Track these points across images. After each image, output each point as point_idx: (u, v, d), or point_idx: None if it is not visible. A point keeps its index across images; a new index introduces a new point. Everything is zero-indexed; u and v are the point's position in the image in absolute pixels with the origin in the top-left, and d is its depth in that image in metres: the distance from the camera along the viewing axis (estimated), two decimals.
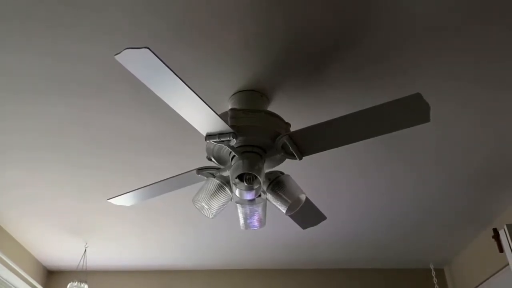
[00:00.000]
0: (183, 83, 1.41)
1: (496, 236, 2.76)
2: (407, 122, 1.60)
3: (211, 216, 1.85)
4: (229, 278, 4.06)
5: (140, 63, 1.34)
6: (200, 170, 1.89)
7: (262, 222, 1.93)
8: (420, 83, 1.98)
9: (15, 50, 1.81)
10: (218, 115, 1.58)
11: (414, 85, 1.99)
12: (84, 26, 1.70)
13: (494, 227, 2.89)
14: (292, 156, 1.80)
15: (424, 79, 1.96)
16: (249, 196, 1.79)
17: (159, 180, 2.08)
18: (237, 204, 1.88)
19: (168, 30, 1.72)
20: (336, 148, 1.78)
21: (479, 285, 3.46)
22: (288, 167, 2.41)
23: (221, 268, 4.08)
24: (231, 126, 1.67)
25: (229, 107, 2.00)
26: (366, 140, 1.80)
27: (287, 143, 1.74)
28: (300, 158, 1.79)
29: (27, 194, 2.86)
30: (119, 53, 1.29)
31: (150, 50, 1.27)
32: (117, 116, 2.18)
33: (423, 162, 2.54)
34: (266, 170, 1.90)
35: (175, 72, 1.38)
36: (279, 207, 1.85)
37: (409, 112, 1.56)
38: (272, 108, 2.10)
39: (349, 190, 2.83)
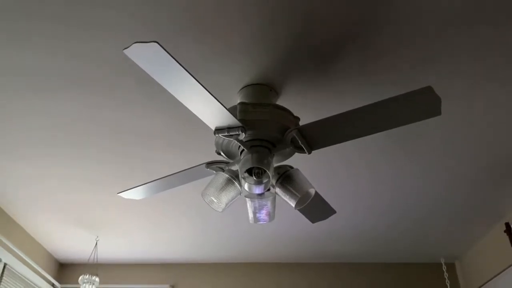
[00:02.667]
0: (192, 77, 1.41)
1: (508, 230, 2.74)
2: (418, 116, 1.58)
3: (220, 210, 1.85)
4: (237, 271, 4.08)
5: (148, 57, 1.34)
6: (209, 164, 1.90)
7: (271, 216, 1.93)
8: (429, 77, 1.96)
9: (26, 49, 1.82)
10: (227, 109, 1.58)
11: (423, 79, 1.96)
12: (92, 24, 1.71)
13: (506, 222, 2.87)
14: (301, 150, 1.79)
15: (433, 73, 1.94)
16: (258, 190, 1.78)
17: (169, 174, 2.08)
18: (246, 198, 1.88)
19: (175, 27, 1.72)
20: (344, 142, 1.77)
21: (490, 279, 3.43)
22: (294, 160, 2.40)
23: (230, 262, 4.10)
24: (240, 120, 1.67)
25: (238, 101, 1.99)
26: (375, 134, 1.78)
27: (296, 137, 1.73)
28: (310, 152, 1.79)
29: (39, 188, 2.89)
30: (128, 47, 1.29)
31: (159, 44, 1.27)
32: (127, 111, 2.19)
33: (433, 156, 2.52)
34: (275, 164, 1.89)
35: (184, 66, 1.37)
36: (288, 201, 1.84)
37: (420, 105, 1.54)
38: (281, 102, 2.10)
39: (358, 184, 2.82)
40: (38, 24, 1.72)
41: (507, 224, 2.83)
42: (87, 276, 3.34)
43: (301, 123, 1.91)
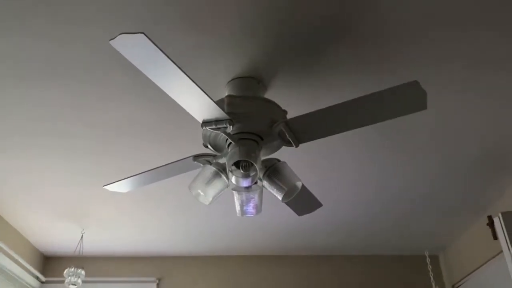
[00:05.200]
0: (179, 69, 1.40)
1: (491, 223, 2.78)
2: (404, 110, 1.60)
3: (207, 203, 1.85)
4: (224, 264, 4.08)
5: (135, 49, 1.32)
6: (196, 157, 1.89)
7: (258, 209, 1.93)
8: (418, 69, 1.97)
9: (12, 35, 1.78)
10: (214, 101, 1.57)
11: (412, 71, 1.97)
12: (80, 14, 1.68)
13: (489, 215, 2.91)
14: (288, 144, 1.80)
15: (422, 65, 1.95)
16: (245, 183, 1.78)
17: (156, 166, 2.07)
18: (234, 191, 1.88)
19: (163, 17, 1.70)
20: (331, 136, 1.78)
21: (473, 271, 3.49)
22: (281, 154, 2.41)
23: (217, 254, 4.11)
24: (228, 113, 1.66)
25: (226, 94, 1.98)
26: (362, 127, 1.78)
27: (284, 130, 1.73)
28: (297, 146, 1.79)
29: (24, 180, 2.85)
30: (114, 38, 1.27)
31: (146, 36, 1.26)
32: (114, 102, 2.17)
33: (418, 149, 2.55)
34: (263, 157, 1.89)
35: (171, 58, 1.36)
36: (275, 194, 1.85)
37: (406, 99, 1.56)
38: (269, 95, 2.09)
39: (344, 177, 2.84)
40: (24, 11, 1.68)
41: (489, 217, 2.87)
42: (73, 269, 3.31)
43: (288, 116, 1.91)
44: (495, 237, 2.73)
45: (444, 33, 1.79)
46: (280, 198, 1.83)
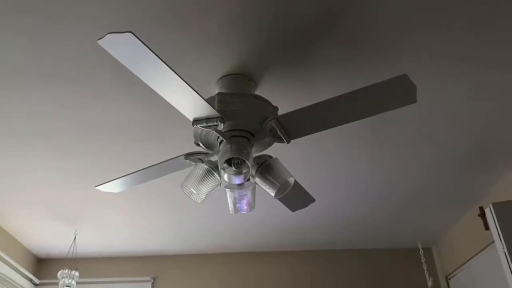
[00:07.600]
0: (168, 68, 1.39)
1: (482, 214, 2.80)
2: (394, 103, 1.61)
3: (200, 201, 1.85)
4: (218, 261, 4.09)
5: (123, 48, 1.31)
6: (188, 155, 1.89)
7: (251, 206, 1.94)
8: (407, 62, 1.97)
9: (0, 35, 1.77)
10: (204, 99, 1.57)
11: (402, 64, 1.98)
12: (65, 16, 1.66)
13: (480, 206, 2.94)
14: (280, 140, 1.80)
15: (411, 58, 1.96)
16: (237, 180, 1.79)
17: (148, 166, 2.06)
18: (226, 189, 1.88)
19: (151, 16, 1.69)
20: (322, 131, 1.78)
21: (466, 262, 3.53)
22: (273, 150, 2.41)
23: (211, 252, 4.11)
24: (219, 111, 1.66)
25: (216, 92, 1.98)
26: (352, 122, 1.79)
27: (275, 126, 1.73)
28: (288, 142, 1.79)
29: (15, 181, 2.83)
30: (102, 38, 1.26)
31: (134, 35, 1.25)
32: (105, 101, 2.15)
33: (409, 143, 2.56)
34: (255, 154, 1.89)
35: (160, 56, 1.35)
36: (268, 190, 1.85)
37: (396, 93, 1.56)
38: (260, 91, 2.09)
39: (336, 172, 2.84)
40: (8, 16, 1.67)
41: (481, 208, 2.90)
42: (66, 270, 3.30)
43: (279, 112, 1.91)
44: (486, 227, 2.75)
45: (431, 26, 1.80)
46: (273, 194, 1.84)
